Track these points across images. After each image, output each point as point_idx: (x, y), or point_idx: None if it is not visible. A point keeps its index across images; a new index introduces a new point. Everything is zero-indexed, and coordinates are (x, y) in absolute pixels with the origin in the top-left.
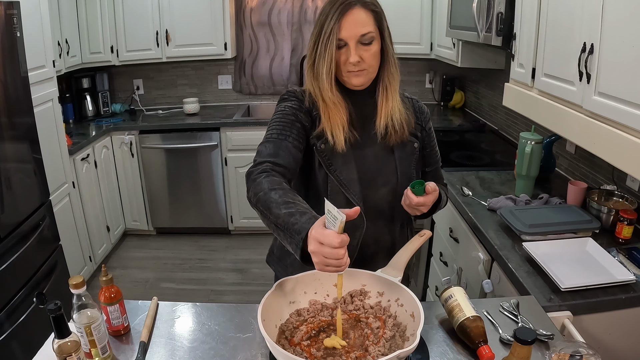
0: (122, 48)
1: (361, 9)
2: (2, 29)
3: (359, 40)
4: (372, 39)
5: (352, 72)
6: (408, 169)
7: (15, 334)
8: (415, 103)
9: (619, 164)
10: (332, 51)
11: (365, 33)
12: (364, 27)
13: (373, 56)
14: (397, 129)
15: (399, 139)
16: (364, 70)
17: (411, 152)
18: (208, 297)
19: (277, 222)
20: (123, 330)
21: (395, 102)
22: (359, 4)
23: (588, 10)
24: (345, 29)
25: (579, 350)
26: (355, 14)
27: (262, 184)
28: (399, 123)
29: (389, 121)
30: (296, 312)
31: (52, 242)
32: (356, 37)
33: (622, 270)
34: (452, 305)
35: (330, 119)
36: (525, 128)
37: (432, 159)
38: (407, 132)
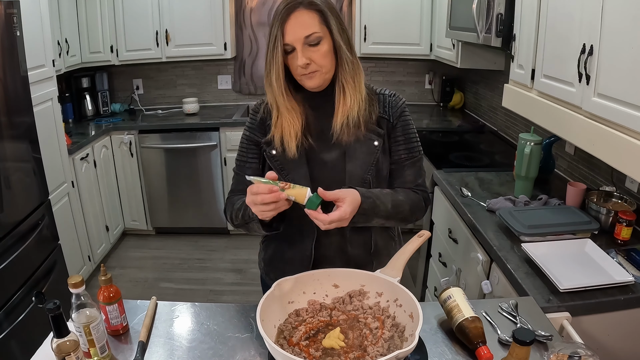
0: (122, 48)
1: (304, 10)
2: (2, 29)
3: (305, 42)
4: (319, 39)
5: (305, 75)
6: (361, 170)
7: (14, 334)
8: (387, 98)
9: (618, 165)
10: (279, 57)
11: (309, 34)
12: (307, 29)
13: (323, 56)
14: (350, 127)
15: (352, 138)
16: (315, 71)
17: (369, 152)
18: (207, 297)
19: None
20: (122, 329)
21: (355, 100)
22: (301, 5)
23: (587, 12)
24: (289, 34)
25: (577, 351)
26: (297, 16)
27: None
28: (354, 121)
29: (345, 120)
30: (295, 312)
31: (51, 241)
32: (301, 40)
33: (620, 272)
34: (450, 305)
35: (283, 126)
36: (524, 129)
37: (401, 155)
38: (362, 130)
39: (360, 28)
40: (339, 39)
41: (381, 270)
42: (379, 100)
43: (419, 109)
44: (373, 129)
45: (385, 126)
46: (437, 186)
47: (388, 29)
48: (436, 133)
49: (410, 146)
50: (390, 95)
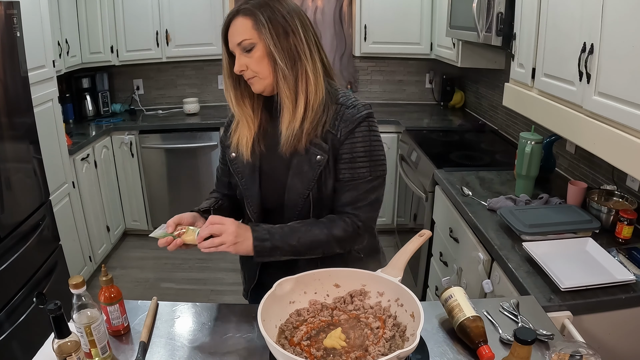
0: (122, 48)
1: (240, 17)
2: (2, 29)
3: (241, 49)
4: (252, 45)
5: (249, 80)
6: (301, 185)
7: (15, 334)
8: (344, 110)
9: (619, 163)
10: (225, 64)
11: (240, 41)
12: (239, 36)
13: (256, 62)
14: (291, 139)
15: (292, 150)
16: (253, 77)
17: (311, 167)
18: (208, 297)
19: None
20: (123, 330)
21: (298, 110)
22: (240, 12)
23: (588, 10)
24: (229, 42)
25: (578, 350)
26: (234, 24)
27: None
28: (296, 132)
29: (286, 131)
30: (296, 312)
31: (52, 242)
32: (236, 47)
33: (622, 270)
34: (452, 305)
35: (238, 131)
36: (525, 128)
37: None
38: (304, 143)
39: (360, 27)
40: (272, 47)
41: (382, 269)
42: (336, 112)
43: (419, 108)
44: (317, 142)
45: (331, 141)
46: (438, 185)
47: (388, 28)
48: (437, 132)
49: (355, 166)
50: (350, 107)
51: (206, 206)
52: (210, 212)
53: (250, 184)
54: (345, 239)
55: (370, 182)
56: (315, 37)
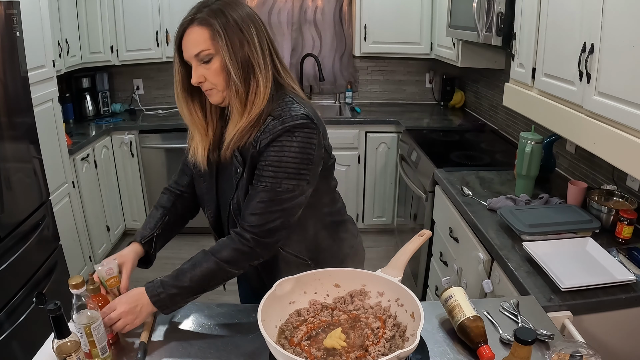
0: (122, 48)
1: (196, 26)
2: (2, 29)
3: (198, 60)
4: (210, 57)
5: (205, 92)
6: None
7: (15, 334)
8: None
9: (619, 163)
10: (177, 74)
11: (197, 52)
12: (196, 46)
13: (215, 74)
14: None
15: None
16: (212, 89)
17: (230, 178)
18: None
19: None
20: (112, 339)
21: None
22: (195, 21)
23: (588, 10)
24: (184, 51)
25: (579, 350)
26: (190, 33)
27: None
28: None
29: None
30: (296, 312)
31: (52, 242)
32: (192, 58)
33: (622, 270)
34: (452, 305)
35: (194, 142)
36: (525, 128)
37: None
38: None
39: (360, 27)
40: (228, 60)
41: (382, 269)
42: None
43: (419, 108)
44: (237, 154)
45: (250, 154)
46: (438, 185)
47: (388, 28)
48: (437, 132)
49: (260, 174)
50: (277, 118)
51: (148, 234)
52: (153, 242)
53: (208, 188)
54: (237, 259)
55: (278, 195)
56: (269, 43)
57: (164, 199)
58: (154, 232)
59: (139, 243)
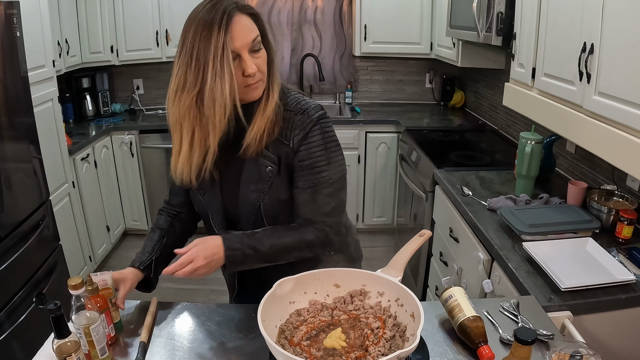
0: (122, 48)
1: (242, 14)
2: (2, 29)
3: (250, 49)
4: (260, 45)
5: (250, 86)
6: (254, 196)
7: (15, 334)
8: (293, 117)
9: (619, 163)
10: (231, 67)
11: (254, 38)
12: (252, 33)
13: (264, 62)
14: (256, 141)
15: (254, 154)
16: (259, 81)
17: (261, 178)
18: (208, 297)
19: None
20: (110, 340)
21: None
22: (238, 9)
23: (588, 10)
24: (236, 39)
25: (579, 350)
26: (239, 21)
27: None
28: (260, 134)
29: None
30: (296, 312)
31: (52, 242)
32: (248, 46)
33: (622, 270)
34: (452, 305)
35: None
36: (525, 128)
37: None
38: (262, 146)
39: (360, 27)
40: (271, 43)
41: (382, 269)
42: (284, 119)
43: (419, 108)
44: (266, 154)
45: (284, 152)
46: (438, 185)
47: (388, 28)
48: (437, 132)
49: (315, 172)
50: (299, 113)
51: (147, 259)
52: (152, 266)
53: (212, 198)
54: (316, 244)
55: (332, 185)
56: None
57: (162, 221)
58: (152, 256)
59: (137, 269)
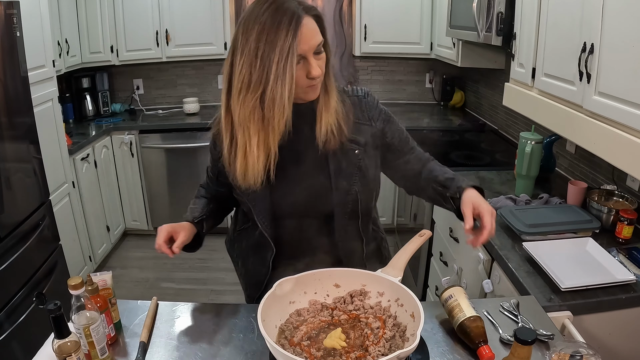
0: (122, 48)
1: (308, 17)
2: (2, 29)
3: (315, 51)
4: (322, 47)
5: (312, 87)
6: (345, 182)
7: (15, 334)
8: (362, 100)
9: (619, 163)
10: (293, 71)
11: (319, 42)
12: (317, 36)
13: (324, 64)
14: (335, 133)
15: (337, 144)
16: (319, 81)
17: (351, 162)
18: (208, 297)
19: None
20: (110, 340)
21: (334, 101)
22: (305, 12)
23: (588, 10)
24: (303, 43)
25: (579, 350)
26: (307, 24)
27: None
28: (336, 125)
29: (329, 125)
30: (296, 312)
31: (52, 242)
32: (314, 49)
33: (622, 270)
34: (452, 305)
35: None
36: (525, 128)
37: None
38: (345, 134)
39: (360, 27)
40: (328, 43)
41: (382, 269)
42: (354, 104)
43: (419, 108)
44: (352, 138)
45: (369, 133)
46: None
47: (388, 28)
48: (437, 132)
49: (404, 135)
50: (364, 96)
51: (199, 215)
52: (203, 223)
53: (259, 201)
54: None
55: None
56: None
57: (203, 192)
58: (203, 215)
59: (191, 222)
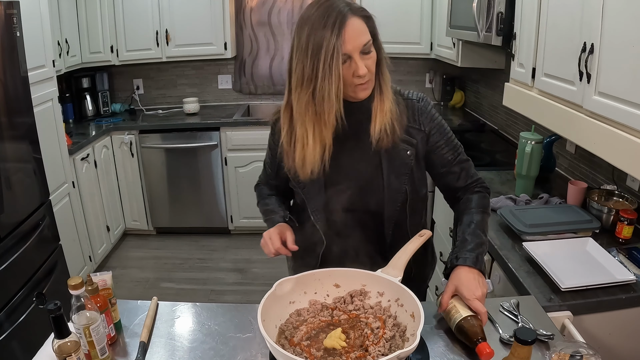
0: (122, 48)
1: (355, 17)
2: (2, 29)
3: (362, 51)
4: (371, 47)
5: (360, 86)
6: (397, 181)
7: (15, 334)
8: (415, 104)
9: (619, 163)
10: (339, 69)
11: (366, 42)
12: (364, 36)
13: (373, 64)
14: (388, 132)
15: (390, 143)
16: (368, 81)
17: (403, 162)
18: (208, 297)
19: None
20: (110, 340)
21: (389, 102)
22: (351, 12)
23: (588, 10)
24: (348, 42)
25: (579, 350)
26: (352, 24)
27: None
28: (390, 125)
29: (383, 125)
30: (296, 312)
31: (52, 242)
32: (359, 49)
33: (622, 270)
34: (448, 307)
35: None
36: (525, 128)
37: (448, 157)
38: (398, 134)
39: None
40: (380, 43)
41: (382, 269)
42: (407, 107)
43: None
44: (405, 138)
45: (419, 136)
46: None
47: (388, 27)
48: None
49: (451, 145)
50: (418, 101)
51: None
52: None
53: (314, 193)
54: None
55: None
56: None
57: (266, 190)
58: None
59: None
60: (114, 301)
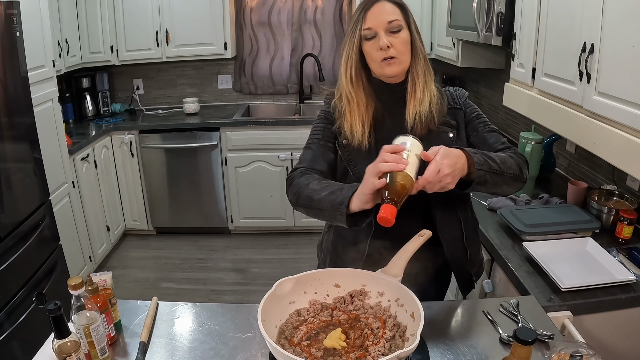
0: (122, 48)
1: (386, 2)
2: (2, 29)
3: (387, 29)
4: (400, 27)
5: (385, 61)
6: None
7: (15, 334)
8: (453, 92)
9: (619, 163)
10: (356, 42)
11: (392, 20)
12: (390, 15)
13: (402, 43)
14: (423, 121)
15: (425, 131)
16: (394, 57)
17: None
18: (208, 297)
19: (321, 207)
20: (110, 340)
21: (426, 94)
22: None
23: (588, 10)
24: (371, 19)
25: (579, 350)
26: (381, 5)
27: (299, 184)
28: (426, 114)
29: (417, 113)
30: (296, 312)
31: (52, 242)
32: (384, 25)
33: (622, 270)
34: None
35: (350, 115)
36: (525, 128)
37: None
38: (436, 121)
39: None
40: (417, 35)
41: (382, 269)
42: (447, 95)
43: None
44: (445, 121)
45: (459, 116)
46: None
47: None
48: None
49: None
50: (454, 90)
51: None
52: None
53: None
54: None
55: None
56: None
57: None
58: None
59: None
60: (114, 301)
